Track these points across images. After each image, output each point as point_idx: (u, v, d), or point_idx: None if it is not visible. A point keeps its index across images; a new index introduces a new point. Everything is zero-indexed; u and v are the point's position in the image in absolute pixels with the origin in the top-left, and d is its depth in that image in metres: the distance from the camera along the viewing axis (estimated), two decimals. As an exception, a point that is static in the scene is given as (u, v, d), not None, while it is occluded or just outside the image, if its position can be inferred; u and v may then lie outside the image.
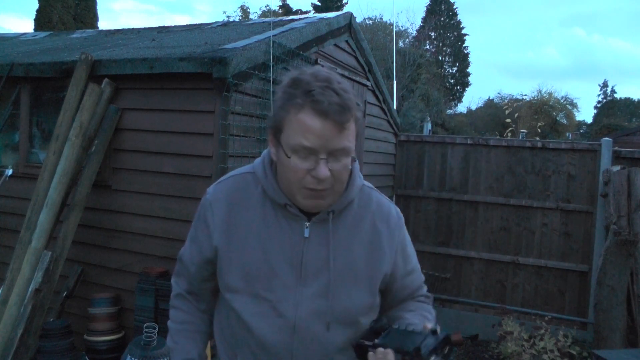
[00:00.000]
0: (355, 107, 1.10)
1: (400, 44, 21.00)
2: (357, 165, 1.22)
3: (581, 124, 30.15)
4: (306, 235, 1.14)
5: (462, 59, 33.38)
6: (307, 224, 1.15)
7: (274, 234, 1.15)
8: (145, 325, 2.63)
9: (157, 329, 2.46)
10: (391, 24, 19.66)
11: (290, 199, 1.14)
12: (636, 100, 41.05)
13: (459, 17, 33.94)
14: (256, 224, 1.16)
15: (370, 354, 1.08)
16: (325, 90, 1.04)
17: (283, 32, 3.47)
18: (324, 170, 1.05)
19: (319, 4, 27.89)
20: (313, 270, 1.14)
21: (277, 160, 1.13)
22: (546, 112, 21.34)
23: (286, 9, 26.22)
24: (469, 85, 33.74)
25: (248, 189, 1.20)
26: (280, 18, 4.68)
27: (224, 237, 1.17)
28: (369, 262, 1.18)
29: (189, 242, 1.28)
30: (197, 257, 1.24)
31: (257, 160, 1.23)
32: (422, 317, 1.22)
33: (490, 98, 30.53)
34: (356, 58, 4.55)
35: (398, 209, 1.30)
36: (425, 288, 1.35)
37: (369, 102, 4.84)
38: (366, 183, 1.26)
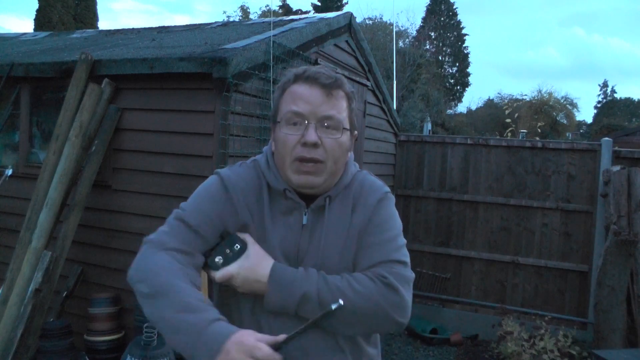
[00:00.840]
0: (346, 86, 1.15)
1: (400, 44, 21.00)
2: (352, 156, 1.24)
3: (581, 124, 30.15)
4: (304, 222, 1.15)
5: (462, 59, 33.37)
6: (306, 210, 1.16)
7: (277, 222, 1.16)
8: (145, 325, 2.63)
9: (157, 329, 2.46)
10: (391, 24, 19.66)
11: (286, 181, 1.15)
12: (636, 100, 41.06)
13: (459, 17, 33.93)
14: (264, 212, 1.16)
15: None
16: (315, 68, 1.15)
17: (283, 32, 3.47)
18: (311, 134, 1.08)
19: (319, 4, 27.89)
20: (306, 258, 1.14)
21: (275, 142, 1.16)
22: (546, 112, 21.33)
23: (286, 9, 26.22)
24: (469, 85, 33.72)
25: (255, 178, 1.21)
26: (280, 18, 4.68)
27: (250, 219, 1.16)
28: (347, 247, 1.16)
29: (197, 212, 1.16)
30: (209, 225, 1.15)
31: (260, 154, 1.26)
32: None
33: (490, 98, 30.56)
34: (356, 58, 4.55)
35: (385, 188, 1.24)
36: (390, 272, 1.15)
37: (369, 102, 4.84)
38: (361, 170, 1.27)
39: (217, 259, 1.13)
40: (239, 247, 1.13)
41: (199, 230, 1.14)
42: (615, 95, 42.84)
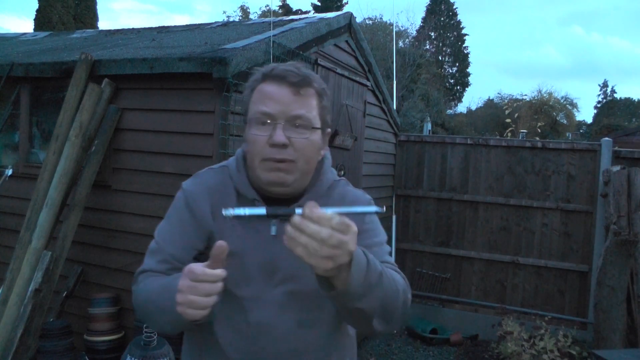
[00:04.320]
0: (317, 84, 1.11)
1: (400, 44, 21.00)
2: (328, 160, 1.21)
3: (581, 124, 30.13)
4: (273, 233, 1.11)
5: (462, 59, 33.38)
6: (275, 221, 1.12)
7: (247, 233, 1.12)
8: (145, 325, 2.63)
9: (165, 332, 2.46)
10: (391, 24, 19.67)
11: (257, 183, 1.12)
12: (636, 100, 41.04)
13: (459, 17, 33.94)
14: (232, 220, 1.10)
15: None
16: (284, 65, 1.11)
17: (283, 32, 3.47)
18: (279, 134, 1.05)
19: (319, 4, 27.89)
20: (281, 271, 1.11)
21: (246, 142, 1.13)
22: (546, 112, 21.34)
23: (286, 9, 26.23)
24: (469, 85, 33.73)
25: (224, 183, 1.18)
26: (280, 18, 4.68)
27: (215, 227, 1.14)
28: None
29: (169, 243, 1.18)
30: (182, 254, 1.15)
31: (232, 158, 1.23)
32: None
33: (490, 98, 30.55)
34: (356, 58, 4.55)
35: (368, 197, 1.23)
36: (392, 265, 1.16)
37: (369, 102, 4.84)
38: (340, 179, 1.23)
39: None
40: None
41: (177, 261, 1.14)
42: (615, 95, 42.83)
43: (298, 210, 0.83)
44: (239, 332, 1.12)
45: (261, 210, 0.87)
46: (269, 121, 1.06)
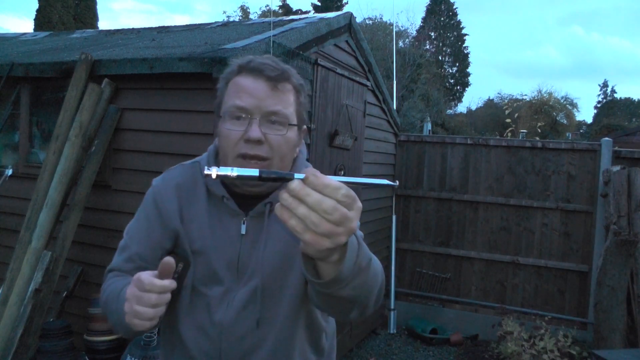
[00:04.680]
0: (295, 79, 1.08)
1: (400, 44, 21.00)
2: (303, 155, 1.17)
3: (581, 124, 30.14)
4: (243, 232, 1.09)
5: (462, 59, 33.38)
6: (244, 218, 1.09)
7: (215, 231, 1.09)
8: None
9: (157, 329, 2.47)
10: (391, 24, 19.67)
11: (228, 180, 1.02)
12: (636, 100, 41.05)
13: (459, 17, 33.95)
14: (200, 218, 1.10)
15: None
16: (261, 58, 1.06)
17: (283, 32, 3.47)
18: (254, 130, 1.01)
19: (319, 4, 27.89)
20: (248, 270, 1.09)
21: (218, 137, 1.08)
22: (546, 112, 21.34)
23: (286, 9, 26.22)
24: (469, 85, 33.74)
25: (194, 179, 1.15)
26: (280, 18, 4.68)
27: (180, 224, 1.11)
28: (295, 258, 1.08)
29: (136, 241, 1.17)
30: (149, 253, 1.14)
31: (205, 153, 1.21)
32: None
33: (490, 98, 30.60)
34: (356, 58, 4.55)
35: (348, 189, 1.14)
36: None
37: (369, 102, 4.84)
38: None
39: None
40: (181, 266, 1.08)
41: (142, 260, 1.14)
42: (615, 95, 42.87)
43: (298, 176, 0.71)
44: (204, 331, 1.10)
45: (252, 172, 0.74)
46: (243, 116, 1.02)
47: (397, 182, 0.93)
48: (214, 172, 0.73)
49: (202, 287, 1.10)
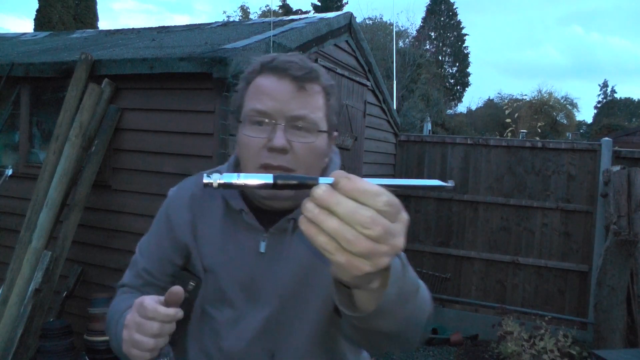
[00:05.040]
0: (325, 79, 0.95)
1: (400, 44, 21.00)
2: (334, 163, 1.03)
3: (581, 124, 30.15)
4: (262, 250, 0.96)
5: (462, 59, 33.36)
6: (265, 235, 0.96)
7: (228, 247, 0.98)
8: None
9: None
10: (391, 24, 19.67)
11: (251, 192, 0.96)
12: (636, 100, 41.06)
13: (459, 17, 33.94)
14: (214, 233, 0.99)
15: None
16: (286, 56, 0.94)
17: (283, 32, 3.48)
18: (279, 137, 0.88)
19: (319, 4, 27.89)
20: (264, 293, 0.96)
21: (238, 145, 0.96)
22: (546, 112, 21.34)
23: (286, 9, 26.22)
24: (469, 85, 33.72)
25: (212, 190, 1.05)
26: (280, 18, 4.68)
27: (191, 238, 1.01)
28: (324, 283, 0.92)
29: (147, 256, 1.08)
30: (157, 269, 1.05)
31: (227, 163, 1.09)
32: None
33: (490, 98, 30.58)
34: (356, 58, 4.55)
35: (391, 195, 1.01)
36: None
37: (369, 102, 4.84)
38: None
39: None
40: (192, 284, 0.99)
41: (149, 276, 1.05)
42: (615, 95, 42.85)
43: (324, 179, 0.54)
44: (210, 358, 0.99)
45: (265, 177, 0.58)
46: (266, 121, 0.90)
47: (452, 181, 0.72)
48: (215, 180, 0.58)
49: (211, 309, 0.99)
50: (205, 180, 0.59)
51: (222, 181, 0.58)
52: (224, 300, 0.98)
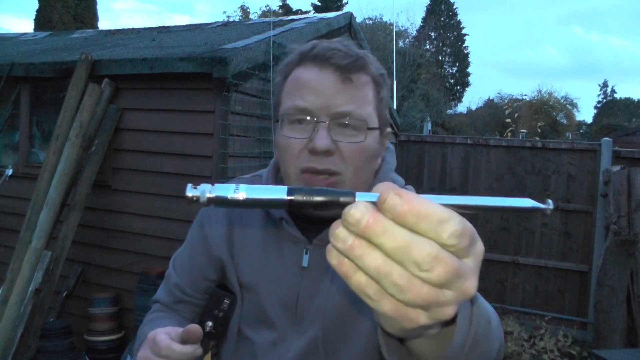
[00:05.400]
0: (375, 67, 0.83)
1: (400, 44, 21.01)
2: (390, 165, 0.93)
3: (581, 124, 30.15)
4: (304, 264, 0.86)
5: (462, 59, 33.38)
6: (308, 247, 0.86)
7: (270, 262, 0.88)
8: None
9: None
10: (391, 24, 19.67)
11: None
12: (636, 100, 41.06)
13: (459, 17, 33.96)
14: (252, 246, 0.90)
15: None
16: (328, 43, 0.83)
17: (283, 32, 3.48)
18: (322, 137, 0.77)
19: (319, 4, 27.90)
20: (309, 314, 0.85)
21: (276, 147, 0.86)
22: (546, 112, 21.34)
23: (286, 9, 26.23)
24: (469, 85, 33.74)
25: None
26: (280, 18, 4.68)
27: (227, 252, 0.92)
28: None
29: (180, 270, 1.00)
30: (191, 285, 0.97)
31: (267, 167, 0.98)
32: None
33: (490, 98, 30.56)
34: (356, 58, 4.55)
35: (462, 220, 0.81)
36: None
37: (369, 102, 4.85)
38: (407, 187, 0.90)
39: (208, 324, 0.90)
40: (227, 302, 0.90)
41: (181, 293, 0.97)
42: (615, 95, 42.85)
43: (363, 196, 0.38)
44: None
45: (275, 192, 0.40)
46: (307, 119, 0.79)
47: (551, 202, 0.41)
48: (203, 193, 0.40)
49: (249, 331, 0.89)
50: (189, 192, 0.40)
51: (212, 195, 0.40)
52: (263, 321, 0.88)
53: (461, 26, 33.95)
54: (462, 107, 32.80)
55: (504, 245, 5.28)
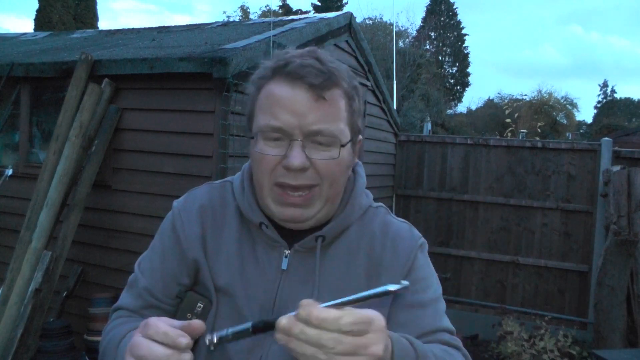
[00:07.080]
0: (346, 82, 0.85)
1: (400, 44, 21.01)
2: (362, 179, 0.95)
3: (581, 124, 30.15)
4: (284, 267, 0.87)
5: (462, 59, 33.39)
6: (287, 252, 0.87)
7: (247, 265, 0.88)
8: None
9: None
10: (391, 24, 19.67)
11: (266, 213, 0.87)
12: (636, 100, 41.08)
13: (459, 17, 33.97)
14: (228, 249, 0.90)
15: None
16: (302, 57, 0.83)
17: (283, 32, 3.48)
18: (295, 155, 0.79)
19: (319, 4, 27.90)
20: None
21: (251, 160, 0.87)
22: (546, 112, 21.35)
23: (286, 9, 26.23)
24: (469, 85, 33.75)
25: (224, 202, 0.94)
26: (280, 18, 4.68)
27: (202, 254, 0.90)
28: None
29: (149, 272, 0.96)
30: (161, 288, 0.93)
31: (238, 174, 0.98)
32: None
33: (490, 98, 30.57)
34: (356, 58, 4.55)
35: (417, 233, 0.96)
36: (450, 337, 0.93)
37: (369, 102, 4.84)
38: (377, 204, 0.97)
39: None
40: (202, 305, 0.89)
41: (151, 297, 0.93)
42: (615, 95, 42.87)
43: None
44: None
45: (242, 327, 0.69)
46: (281, 136, 0.81)
47: (407, 282, 0.68)
48: (215, 337, 0.70)
49: None
50: (207, 337, 0.70)
51: (220, 335, 0.70)
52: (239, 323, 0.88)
53: (461, 26, 33.96)
54: (462, 107, 32.83)
55: (504, 245, 5.28)
